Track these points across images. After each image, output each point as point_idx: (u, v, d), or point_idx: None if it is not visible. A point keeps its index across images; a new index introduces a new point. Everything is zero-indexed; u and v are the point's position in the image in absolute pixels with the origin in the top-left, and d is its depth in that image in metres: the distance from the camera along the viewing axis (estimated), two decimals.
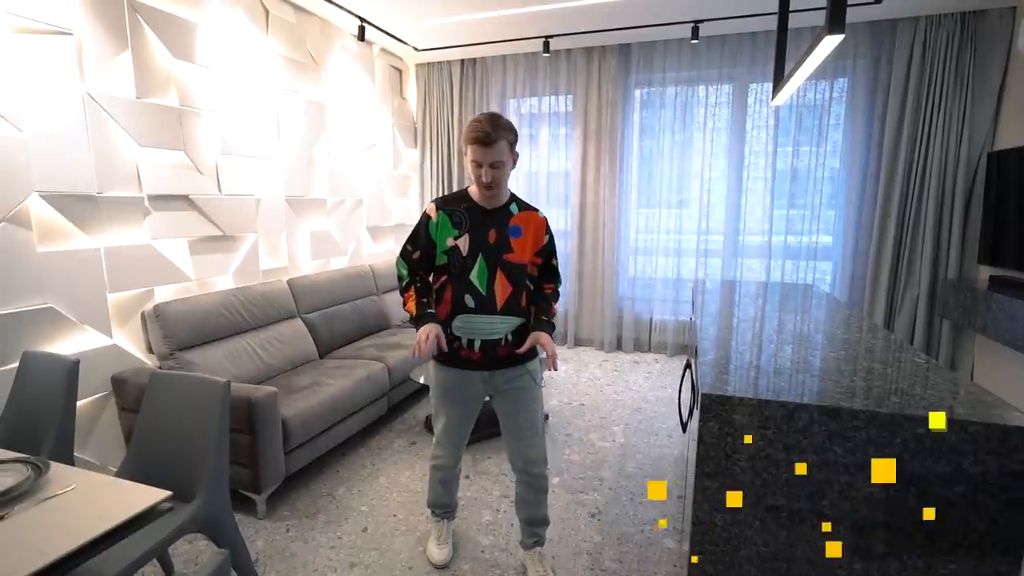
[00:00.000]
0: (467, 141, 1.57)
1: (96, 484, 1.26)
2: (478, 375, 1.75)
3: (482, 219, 1.67)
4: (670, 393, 3.76)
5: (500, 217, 1.69)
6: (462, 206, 1.68)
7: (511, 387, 1.78)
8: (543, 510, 1.95)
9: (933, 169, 3.75)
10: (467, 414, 1.87)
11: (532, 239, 1.71)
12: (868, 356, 1.40)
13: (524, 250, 1.70)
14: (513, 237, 1.68)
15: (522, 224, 1.70)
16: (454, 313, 1.69)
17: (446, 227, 1.66)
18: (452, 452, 1.93)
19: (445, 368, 1.78)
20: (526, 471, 1.86)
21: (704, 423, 1.12)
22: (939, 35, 3.64)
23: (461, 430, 1.90)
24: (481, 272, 1.65)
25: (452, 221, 1.66)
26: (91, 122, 2.35)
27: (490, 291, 1.66)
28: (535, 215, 1.74)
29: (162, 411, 1.77)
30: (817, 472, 1.07)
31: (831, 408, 1.05)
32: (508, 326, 1.69)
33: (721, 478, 1.13)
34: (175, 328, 2.53)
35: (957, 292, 3.58)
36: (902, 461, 1.02)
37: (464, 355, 1.72)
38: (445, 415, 1.86)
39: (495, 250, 1.66)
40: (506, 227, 1.68)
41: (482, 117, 1.56)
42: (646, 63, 4.40)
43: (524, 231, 1.70)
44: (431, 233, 1.68)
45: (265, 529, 2.21)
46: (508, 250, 1.67)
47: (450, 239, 1.66)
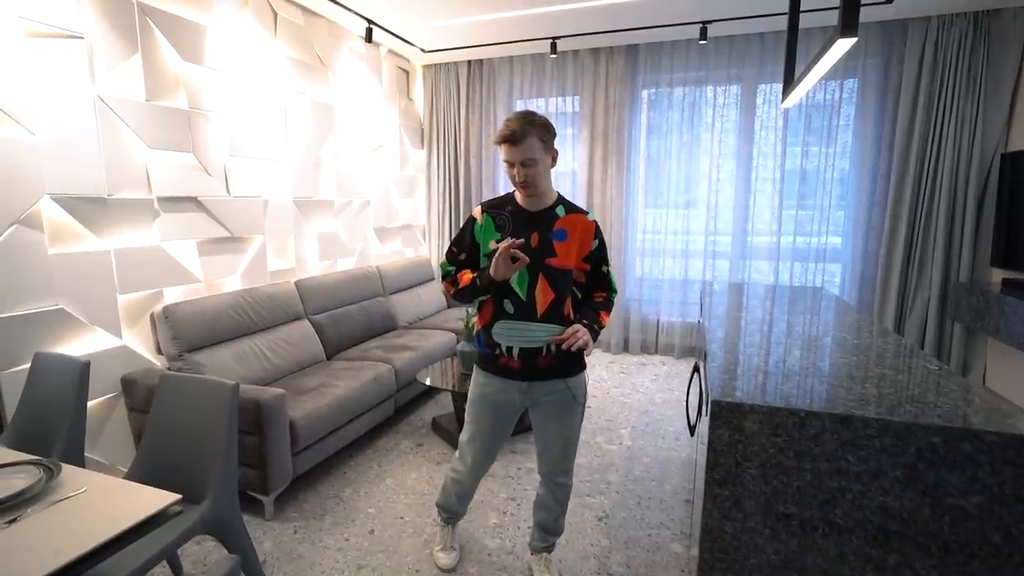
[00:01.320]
0: (496, 141, 1.55)
1: (107, 487, 1.27)
2: (516, 385, 1.67)
3: (525, 222, 1.61)
4: (677, 396, 3.74)
5: (544, 220, 1.61)
6: (506, 209, 1.65)
7: (549, 400, 1.70)
8: (560, 520, 1.93)
9: (945, 170, 3.71)
10: (499, 426, 1.78)
11: (579, 243, 1.62)
12: (879, 362, 1.38)
13: (569, 255, 1.60)
14: (557, 241, 1.60)
15: (568, 227, 1.61)
16: (494, 319, 1.64)
17: (490, 230, 1.64)
18: (474, 470, 1.86)
19: (485, 374, 1.73)
20: (553, 479, 1.84)
21: (714, 430, 1.12)
22: (951, 35, 3.60)
23: (489, 443, 1.80)
24: (522, 277, 1.58)
25: (496, 224, 1.64)
26: (102, 125, 2.36)
27: (530, 297, 1.59)
28: (583, 218, 1.64)
29: (171, 413, 1.78)
30: (829, 480, 1.06)
31: (843, 416, 1.03)
32: (548, 334, 1.60)
33: (731, 485, 1.12)
34: (184, 329, 2.55)
35: (969, 295, 3.54)
36: (916, 471, 1.00)
37: (503, 362, 1.66)
38: (475, 424, 1.78)
39: (537, 254, 1.58)
40: (550, 230, 1.60)
41: (513, 115, 1.53)
42: (654, 64, 4.39)
43: (570, 235, 1.61)
44: (476, 235, 1.66)
45: (273, 530, 2.22)
46: (551, 254, 1.59)
47: (492, 242, 1.62)
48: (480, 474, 1.90)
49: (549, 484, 1.85)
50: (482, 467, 1.87)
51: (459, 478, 1.91)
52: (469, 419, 1.81)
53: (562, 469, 1.82)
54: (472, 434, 1.80)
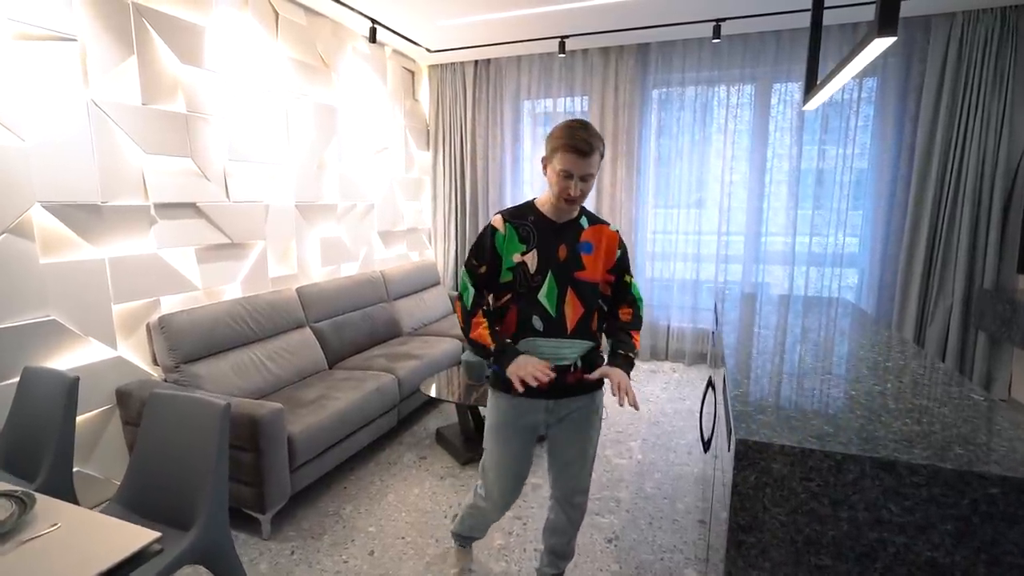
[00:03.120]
0: (560, 148, 1.41)
1: (82, 522, 1.19)
2: (542, 403, 1.57)
3: (552, 234, 1.52)
4: (689, 405, 3.63)
5: (571, 232, 1.54)
6: (529, 219, 1.53)
7: (573, 415, 1.61)
8: (572, 543, 1.83)
9: (969, 172, 3.57)
10: (525, 451, 1.65)
11: (604, 255, 1.57)
12: (917, 390, 1.27)
13: (596, 267, 1.56)
14: (584, 253, 1.54)
15: (593, 239, 1.56)
16: (518, 336, 1.53)
17: (513, 241, 1.51)
18: (502, 505, 1.72)
19: (506, 396, 1.57)
20: (569, 501, 1.71)
21: (739, 471, 1.01)
22: (977, 31, 3.45)
23: (517, 472, 1.66)
24: (551, 291, 1.50)
25: (519, 235, 1.51)
26: (95, 130, 2.29)
27: (560, 312, 1.51)
28: (606, 228, 1.59)
29: (161, 432, 1.70)
30: (869, 531, 0.95)
31: (886, 461, 0.93)
32: (577, 351, 1.54)
33: (758, 532, 1.02)
34: (180, 340, 2.48)
35: (994, 303, 3.40)
36: (970, 524, 0.90)
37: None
38: (499, 452, 1.63)
39: (565, 267, 1.51)
40: (577, 242, 1.54)
41: (576, 123, 1.43)
42: (665, 63, 4.27)
43: (596, 247, 1.56)
44: (498, 246, 1.51)
45: (269, 551, 2.14)
46: (579, 267, 1.53)
47: (517, 254, 1.50)
48: (508, 506, 1.75)
49: (564, 507, 1.73)
50: (511, 498, 1.71)
51: (484, 513, 1.78)
52: (492, 447, 1.65)
53: (581, 488, 1.71)
54: (498, 465, 1.65)
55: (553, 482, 1.73)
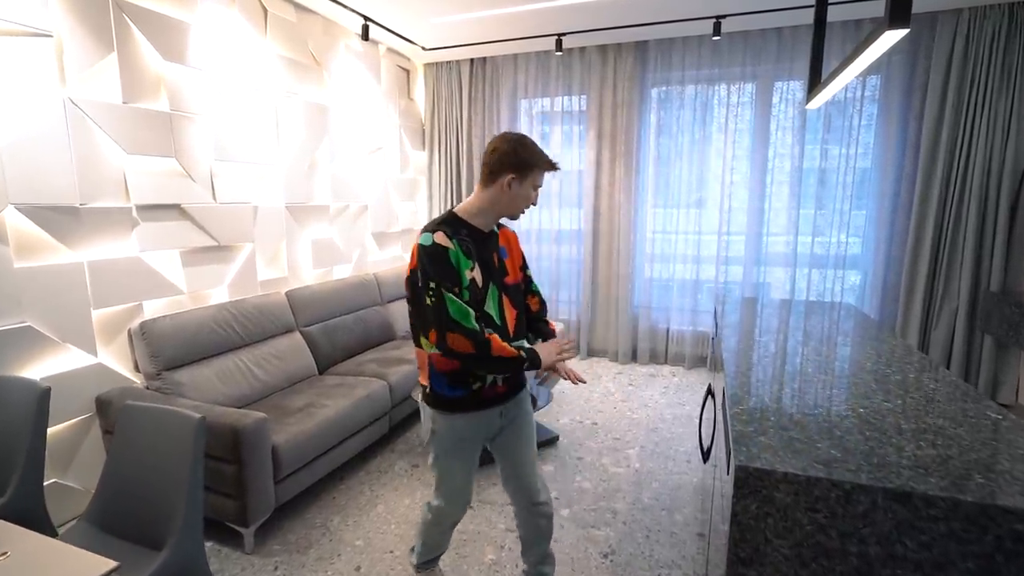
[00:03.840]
0: (540, 166, 1.48)
1: (35, 550, 1.11)
2: (497, 410, 1.57)
3: (483, 244, 1.51)
4: (688, 411, 3.55)
5: (493, 240, 1.57)
6: (463, 232, 1.46)
7: (519, 412, 1.65)
8: (550, 545, 1.81)
9: (975, 172, 3.48)
10: (476, 458, 1.64)
11: (515, 256, 1.64)
12: (930, 408, 1.19)
13: (515, 269, 1.62)
14: (505, 258, 1.58)
15: (505, 243, 1.61)
16: None
17: (463, 258, 1.42)
18: (465, 503, 1.69)
19: (465, 415, 1.54)
20: (535, 509, 1.70)
21: (739, 500, 0.93)
22: (984, 28, 3.37)
23: (472, 477, 1.66)
24: (493, 301, 1.50)
25: (464, 250, 1.43)
26: (73, 129, 2.21)
27: (503, 319, 1.52)
28: (507, 230, 1.65)
29: (133, 447, 1.62)
30: (881, 568, 0.87)
31: (900, 492, 0.85)
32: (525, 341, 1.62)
33: (759, 566, 0.94)
34: (162, 347, 2.40)
35: (1001, 305, 3.31)
36: (994, 563, 0.82)
37: (489, 394, 1.53)
38: (460, 467, 1.61)
39: (499, 275, 1.54)
40: (499, 249, 1.57)
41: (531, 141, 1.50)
42: (664, 61, 4.18)
43: (509, 250, 1.62)
44: (455, 266, 1.40)
45: (252, 566, 2.06)
46: (506, 273, 1.57)
47: (468, 271, 1.43)
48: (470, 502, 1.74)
49: (533, 513, 1.71)
50: (470, 497, 1.70)
51: (447, 521, 1.72)
52: (452, 465, 1.60)
53: (541, 485, 1.72)
54: (457, 476, 1.62)
55: (515, 491, 1.70)
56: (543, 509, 1.70)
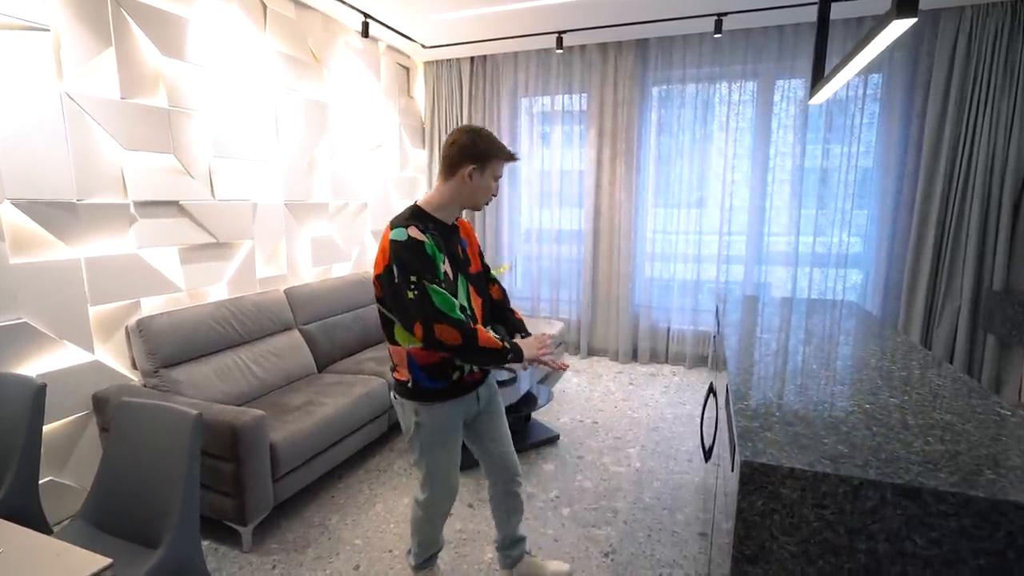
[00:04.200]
0: (498, 156, 1.52)
1: (29, 546, 1.09)
2: (474, 395, 1.65)
3: (448, 236, 1.57)
4: (689, 410, 3.53)
5: (456, 232, 1.62)
6: (430, 226, 1.49)
7: (491, 392, 1.75)
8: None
9: (978, 170, 3.47)
10: (459, 447, 1.69)
11: (473, 245, 1.71)
12: (937, 403, 1.17)
13: (475, 258, 1.69)
14: (466, 248, 1.65)
15: (464, 235, 1.67)
16: None
17: (435, 251, 1.44)
18: (454, 492, 1.71)
19: (448, 404, 1.58)
20: (509, 482, 1.80)
21: (744, 496, 0.92)
22: (987, 25, 3.35)
23: (456, 467, 1.69)
24: (464, 291, 1.56)
25: (436, 244, 1.46)
26: (70, 124, 2.20)
27: (471, 308, 1.59)
28: (463, 220, 1.71)
29: (128, 445, 1.61)
30: (891, 565, 0.85)
31: (909, 488, 0.83)
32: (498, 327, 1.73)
33: (765, 564, 0.92)
34: (160, 344, 2.38)
35: (1004, 304, 3.30)
36: (1006, 560, 0.80)
37: (468, 380, 1.60)
38: (445, 457, 1.63)
39: (464, 266, 1.60)
40: (460, 240, 1.63)
41: (489, 132, 1.54)
42: (665, 59, 4.16)
43: (468, 241, 1.68)
44: (432, 258, 1.43)
45: (250, 565, 2.04)
46: (469, 263, 1.63)
47: (442, 265, 1.47)
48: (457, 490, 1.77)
49: (511, 487, 1.81)
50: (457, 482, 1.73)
51: (438, 513, 1.72)
52: (439, 454, 1.62)
53: (512, 468, 1.79)
54: (444, 464, 1.65)
55: (496, 469, 1.78)
56: (519, 481, 1.81)
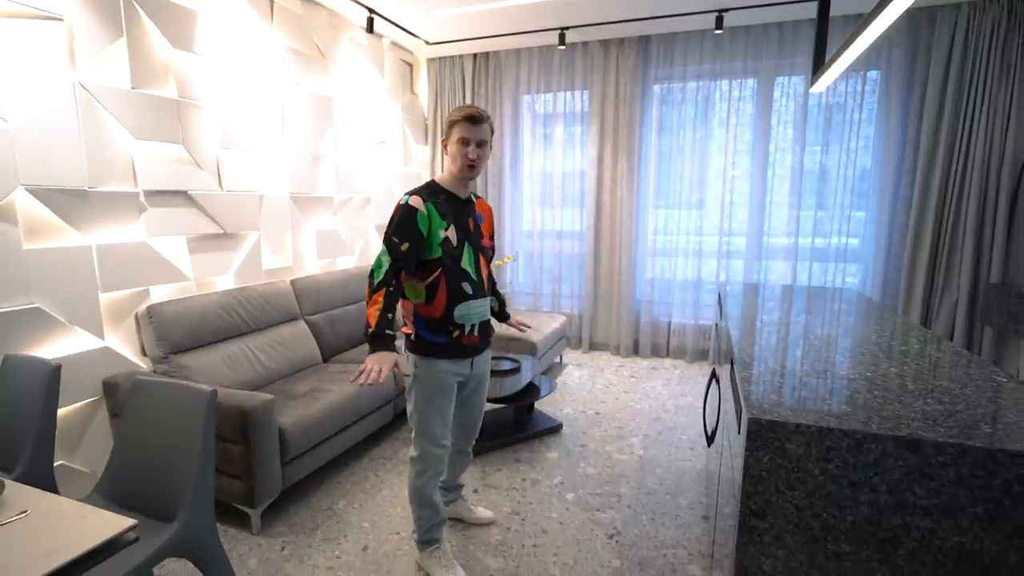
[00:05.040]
0: (456, 120, 1.64)
1: (53, 509, 1.12)
2: (467, 361, 1.80)
3: (460, 209, 1.73)
4: (690, 401, 3.56)
5: (470, 206, 1.78)
6: (441, 197, 1.69)
7: (484, 367, 1.91)
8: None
9: (975, 166, 3.51)
10: (452, 404, 1.83)
11: (489, 224, 1.89)
12: (936, 372, 1.21)
13: (488, 234, 1.87)
14: (480, 223, 1.81)
15: (481, 211, 1.84)
16: (453, 303, 1.70)
17: (436, 219, 1.65)
18: (442, 448, 1.82)
19: (445, 361, 1.75)
20: (465, 449, 2.05)
21: (751, 452, 0.95)
22: (984, 22, 3.40)
23: (448, 422, 1.83)
24: (470, 259, 1.73)
25: (439, 212, 1.66)
26: (82, 112, 2.23)
27: (479, 275, 1.76)
28: (484, 202, 1.89)
29: (144, 422, 1.64)
30: (891, 515, 0.89)
31: (910, 440, 0.86)
32: (488, 306, 1.85)
33: (771, 517, 0.96)
34: (169, 330, 2.41)
35: (1001, 298, 3.34)
36: (1002, 507, 0.83)
37: (467, 342, 1.75)
38: (437, 410, 1.78)
39: (475, 237, 1.76)
40: (475, 214, 1.79)
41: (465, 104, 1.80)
42: (666, 56, 4.21)
43: (485, 218, 1.86)
44: (420, 226, 1.62)
45: (259, 546, 2.07)
46: (481, 235, 1.80)
47: (442, 231, 1.65)
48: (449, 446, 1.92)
49: (457, 456, 2.03)
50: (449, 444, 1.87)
51: (437, 469, 1.83)
52: (436, 409, 1.77)
53: (474, 434, 2.03)
54: (441, 419, 1.79)
55: (460, 435, 1.99)
56: (470, 453, 2.09)
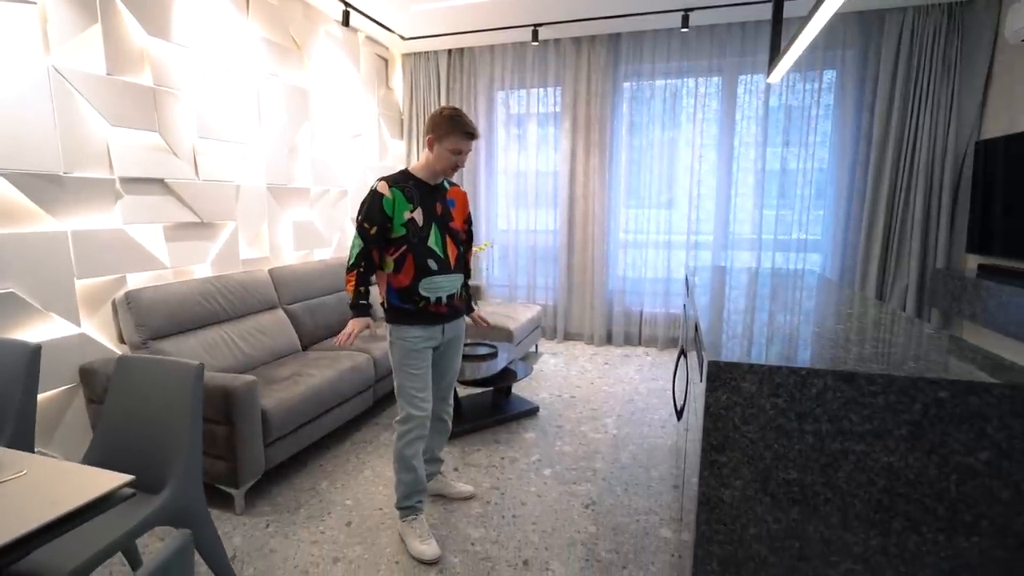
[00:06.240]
0: (454, 132, 1.81)
1: (50, 469, 1.16)
2: (439, 328, 1.97)
3: (428, 194, 1.91)
4: (662, 385, 3.70)
5: (440, 192, 1.96)
6: (409, 183, 1.88)
7: (455, 337, 2.08)
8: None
9: (921, 159, 3.76)
10: (428, 367, 1.98)
11: (462, 210, 2.05)
12: (877, 328, 1.34)
13: (459, 219, 2.03)
14: (451, 208, 1.98)
15: (454, 198, 2.02)
16: (419, 276, 1.88)
17: (401, 202, 1.84)
18: (423, 411, 1.95)
19: (417, 327, 1.91)
20: (441, 416, 2.17)
21: (711, 392, 1.06)
22: (926, 25, 3.65)
23: (427, 385, 1.97)
24: (437, 239, 1.91)
25: (405, 196, 1.85)
26: (57, 97, 2.22)
27: (445, 254, 1.93)
28: (459, 189, 2.06)
29: (130, 397, 1.66)
30: (832, 442, 1.01)
31: (846, 373, 0.98)
32: (460, 281, 2.02)
33: (729, 451, 1.06)
34: (148, 316, 2.41)
35: (946, 281, 3.58)
36: (921, 428, 0.96)
37: (433, 310, 1.93)
38: (418, 370, 1.94)
39: (443, 220, 1.94)
40: (445, 200, 1.97)
41: (460, 112, 1.84)
42: (635, 53, 4.36)
43: (457, 203, 2.02)
44: (386, 209, 1.83)
45: (243, 525, 2.10)
46: (450, 219, 1.97)
47: (407, 212, 1.85)
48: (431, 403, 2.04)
49: (434, 423, 2.15)
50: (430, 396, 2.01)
51: (419, 433, 1.96)
52: (411, 370, 1.93)
53: (448, 400, 2.18)
54: (420, 376, 1.94)
55: (439, 400, 2.14)
56: (449, 412, 2.20)
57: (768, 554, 1.08)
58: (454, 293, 1.98)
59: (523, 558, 1.91)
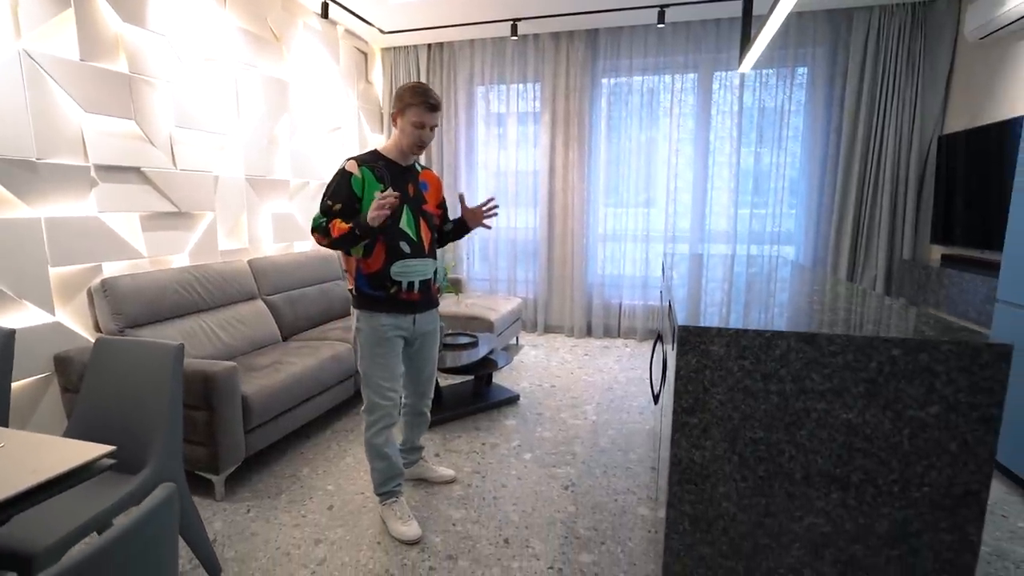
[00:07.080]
0: (415, 104, 1.75)
1: (29, 441, 1.16)
2: (409, 319, 1.90)
3: (400, 175, 1.85)
4: (640, 374, 3.77)
5: (412, 173, 1.90)
6: (380, 163, 1.82)
7: (431, 328, 2.01)
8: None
9: (888, 153, 3.89)
10: (398, 356, 1.92)
11: (435, 193, 1.99)
12: (839, 301, 1.41)
13: (432, 202, 1.97)
14: (424, 191, 1.93)
15: (427, 180, 1.96)
16: (391, 260, 1.82)
17: (371, 182, 1.78)
18: (391, 400, 1.91)
19: (384, 315, 1.86)
20: (416, 409, 2.15)
21: (681, 356, 1.10)
22: (892, 24, 3.78)
23: (395, 375, 1.92)
24: (409, 221, 1.84)
25: (375, 176, 1.79)
26: (28, 82, 2.19)
27: (419, 237, 1.87)
28: (432, 173, 2.00)
29: (109, 379, 1.65)
30: (795, 401, 1.06)
31: (808, 335, 1.04)
32: (434, 266, 1.94)
33: (699, 413, 1.11)
34: (125, 304, 2.39)
35: (912, 271, 3.71)
36: (877, 385, 1.02)
37: (405, 297, 1.87)
38: (381, 361, 1.88)
39: (415, 202, 1.87)
40: (418, 182, 1.91)
41: (424, 85, 1.78)
42: (613, 49, 4.43)
43: (430, 186, 1.96)
44: (355, 188, 1.76)
45: (224, 511, 2.10)
46: (424, 201, 1.91)
47: (377, 192, 1.76)
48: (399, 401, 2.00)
49: (413, 417, 2.16)
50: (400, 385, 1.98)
51: (388, 421, 1.92)
52: (378, 359, 1.87)
53: (428, 395, 2.14)
54: (388, 370, 1.89)
55: (413, 390, 2.11)
56: (428, 404, 2.17)
57: (737, 511, 1.13)
58: (427, 279, 1.90)
59: (504, 536, 1.95)
